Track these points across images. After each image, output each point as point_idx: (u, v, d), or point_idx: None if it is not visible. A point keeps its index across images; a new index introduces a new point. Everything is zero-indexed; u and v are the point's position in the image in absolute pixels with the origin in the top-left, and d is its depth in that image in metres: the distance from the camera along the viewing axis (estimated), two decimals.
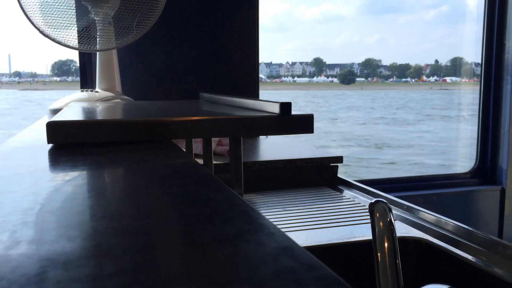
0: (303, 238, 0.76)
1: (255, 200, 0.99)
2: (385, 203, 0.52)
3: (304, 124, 0.58)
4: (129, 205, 0.29)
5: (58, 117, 0.54)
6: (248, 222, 0.25)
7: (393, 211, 0.60)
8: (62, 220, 0.25)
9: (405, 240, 0.76)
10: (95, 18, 1.18)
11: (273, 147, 1.32)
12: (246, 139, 1.43)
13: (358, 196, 1.01)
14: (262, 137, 1.49)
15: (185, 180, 0.36)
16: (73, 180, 0.35)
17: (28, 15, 1.10)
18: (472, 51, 2.10)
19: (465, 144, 2.12)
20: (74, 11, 1.17)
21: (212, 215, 0.26)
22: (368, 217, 0.87)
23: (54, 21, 1.14)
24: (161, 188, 0.34)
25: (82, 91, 1.28)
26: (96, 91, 1.26)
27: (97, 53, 1.27)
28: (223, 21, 1.55)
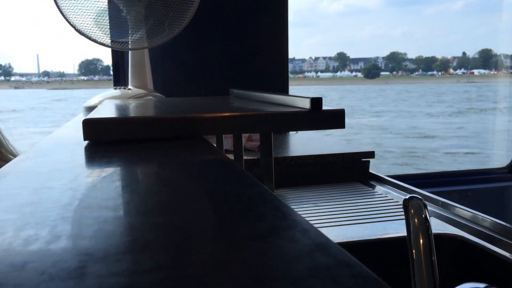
0: (335, 234, 0.75)
1: (286, 195, 0.99)
2: (420, 199, 0.51)
3: (336, 119, 0.58)
4: (163, 201, 0.29)
5: (94, 115, 0.56)
6: (281, 218, 0.25)
7: (428, 207, 0.59)
8: (99, 215, 0.26)
9: (440, 237, 0.74)
10: (127, 17, 1.20)
11: (304, 142, 1.31)
12: (276, 134, 1.43)
13: (391, 192, 0.99)
14: (292, 132, 1.48)
15: (218, 176, 0.36)
16: (109, 176, 0.36)
17: (64, 13, 1.13)
18: (508, 41, 2.03)
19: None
20: (107, 9, 1.20)
21: (245, 210, 0.26)
22: (402, 213, 0.86)
23: (89, 19, 1.16)
24: (194, 184, 0.34)
25: (115, 88, 1.31)
26: (129, 89, 1.29)
27: (130, 51, 1.29)
28: (252, 17, 1.54)
